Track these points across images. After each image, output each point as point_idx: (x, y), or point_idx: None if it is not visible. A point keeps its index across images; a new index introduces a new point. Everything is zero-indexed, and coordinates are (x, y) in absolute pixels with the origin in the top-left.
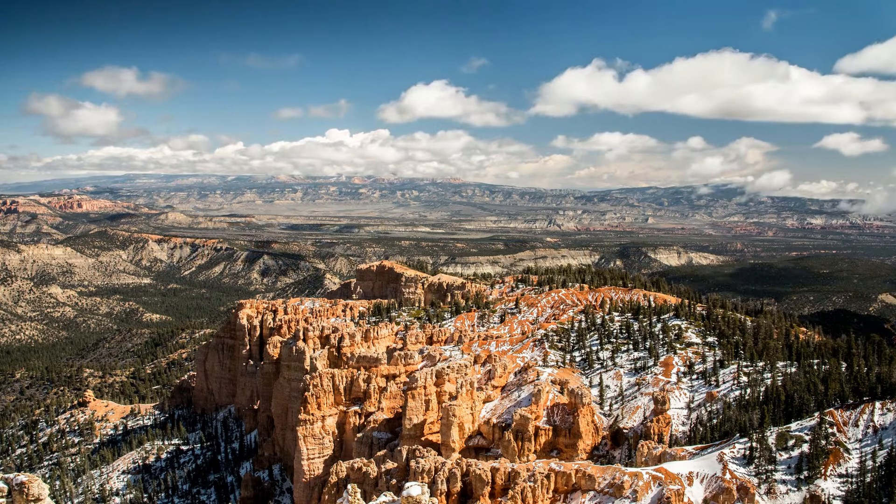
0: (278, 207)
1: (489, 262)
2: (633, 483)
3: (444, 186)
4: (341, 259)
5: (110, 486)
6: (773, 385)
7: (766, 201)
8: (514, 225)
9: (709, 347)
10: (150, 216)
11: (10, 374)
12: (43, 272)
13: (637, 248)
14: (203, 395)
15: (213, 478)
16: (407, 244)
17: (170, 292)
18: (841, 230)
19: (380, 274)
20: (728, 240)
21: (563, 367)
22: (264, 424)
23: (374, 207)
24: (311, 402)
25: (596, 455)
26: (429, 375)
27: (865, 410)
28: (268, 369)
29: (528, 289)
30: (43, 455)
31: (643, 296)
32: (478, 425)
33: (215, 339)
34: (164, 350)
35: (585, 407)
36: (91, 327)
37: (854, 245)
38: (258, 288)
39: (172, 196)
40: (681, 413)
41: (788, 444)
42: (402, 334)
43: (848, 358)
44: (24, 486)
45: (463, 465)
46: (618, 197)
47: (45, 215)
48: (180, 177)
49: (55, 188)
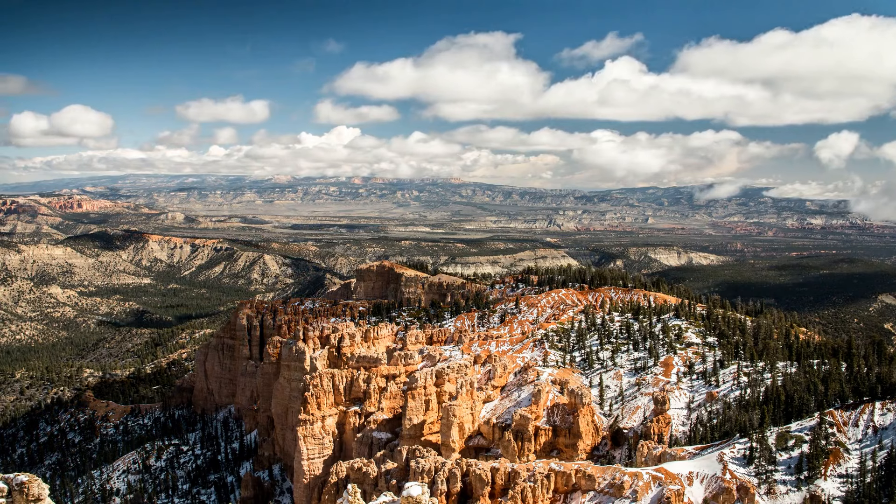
0: (278, 207)
1: (489, 262)
2: (633, 483)
3: (443, 186)
4: (341, 259)
5: (110, 486)
6: (773, 385)
7: (766, 201)
8: (514, 225)
9: (709, 347)
10: (151, 216)
11: (10, 374)
12: (43, 272)
13: (637, 248)
14: (203, 395)
15: (213, 478)
16: (407, 244)
17: (170, 292)
18: (841, 230)
19: (380, 274)
20: (728, 240)
21: (563, 367)
22: (264, 424)
23: (373, 207)
24: (311, 402)
25: (596, 455)
26: (429, 375)
27: (865, 410)
28: (268, 369)
29: (528, 289)
30: (43, 455)
31: (643, 296)
32: (478, 425)
33: (215, 339)
34: (164, 350)
35: (585, 407)
36: (91, 327)
37: (854, 245)
38: (258, 288)
39: (173, 196)
40: (681, 413)
41: (788, 445)
42: (402, 334)
43: (848, 358)
44: (25, 486)
45: (463, 465)
46: (618, 197)
47: (45, 215)
48: (180, 177)
49: (55, 188)
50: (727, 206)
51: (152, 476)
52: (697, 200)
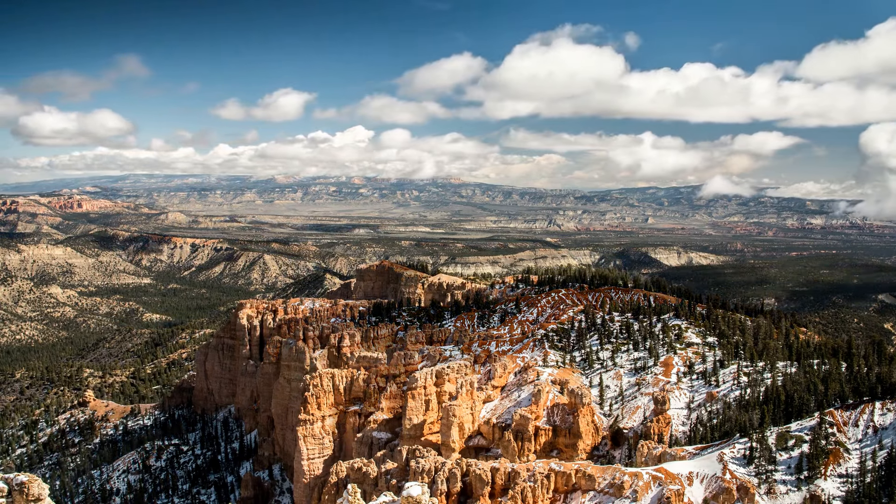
0: (278, 207)
1: (489, 262)
2: (633, 483)
3: (443, 186)
4: (341, 259)
5: (110, 486)
6: (773, 385)
7: (766, 201)
8: (514, 225)
9: (709, 347)
10: (151, 216)
11: (10, 374)
12: (43, 272)
13: (637, 248)
14: (203, 395)
15: (213, 478)
16: (407, 244)
17: (170, 292)
18: (841, 230)
19: (380, 274)
20: (728, 240)
21: (563, 367)
22: (264, 424)
23: (373, 207)
24: (311, 402)
25: (596, 455)
26: (429, 375)
27: (865, 410)
28: (268, 369)
29: (528, 289)
30: (43, 455)
31: (643, 296)
32: (478, 425)
33: (215, 339)
34: (164, 350)
35: (585, 407)
36: (91, 327)
37: (854, 245)
38: (258, 288)
39: (172, 196)
40: (681, 413)
41: (788, 444)
42: (402, 334)
43: (848, 358)
44: (25, 486)
45: (463, 465)
46: (618, 197)
47: (45, 215)
48: (180, 177)
49: (55, 188)
50: (727, 205)
51: (152, 476)
52: (697, 200)
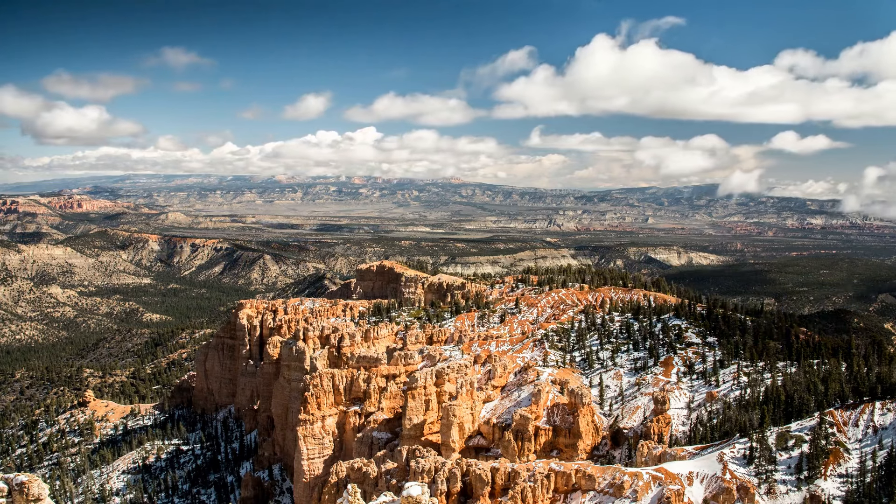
0: (278, 207)
1: (489, 262)
2: (633, 483)
3: (444, 186)
4: (341, 259)
5: (110, 486)
6: (773, 385)
7: (766, 201)
8: (514, 225)
9: (709, 347)
10: (150, 216)
11: (10, 374)
12: (43, 272)
13: (637, 248)
14: (203, 395)
15: (213, 478)
16: (407, 244)
17: (170, 292)
18: (841, 230)
19: (380, 274)
20: (728, 240)
21: (563, 367)
22: (264, 424)
23: (373, 207)
24: (311, 402)
25: (596, 455)
26: (429, 375)
27: (865, 410)
28: (268, 369)
29: (528, 289)
30: (43, 455)
31: (643, 296)
32: (478, 425)
33: (215, 339)
34: (164, 350)
35: (585, 407)
36: (91, 327)
37: (854, 245)
38: (258, 288)
39: (172, 196)
40: (681, 413)
41: (788, 444)
42: (402, 334)
43: (848, 358)
44: (24, 486)
45: (463, 465)
46: (618, 197)
47: (45, 215)
48: (180, 177)
49: (55, 188)
50: (727, 205)
51: (152, 476)
52: (697, 200)
